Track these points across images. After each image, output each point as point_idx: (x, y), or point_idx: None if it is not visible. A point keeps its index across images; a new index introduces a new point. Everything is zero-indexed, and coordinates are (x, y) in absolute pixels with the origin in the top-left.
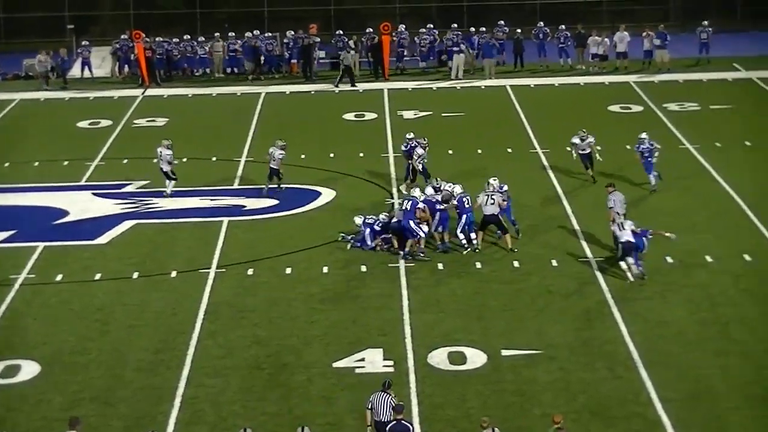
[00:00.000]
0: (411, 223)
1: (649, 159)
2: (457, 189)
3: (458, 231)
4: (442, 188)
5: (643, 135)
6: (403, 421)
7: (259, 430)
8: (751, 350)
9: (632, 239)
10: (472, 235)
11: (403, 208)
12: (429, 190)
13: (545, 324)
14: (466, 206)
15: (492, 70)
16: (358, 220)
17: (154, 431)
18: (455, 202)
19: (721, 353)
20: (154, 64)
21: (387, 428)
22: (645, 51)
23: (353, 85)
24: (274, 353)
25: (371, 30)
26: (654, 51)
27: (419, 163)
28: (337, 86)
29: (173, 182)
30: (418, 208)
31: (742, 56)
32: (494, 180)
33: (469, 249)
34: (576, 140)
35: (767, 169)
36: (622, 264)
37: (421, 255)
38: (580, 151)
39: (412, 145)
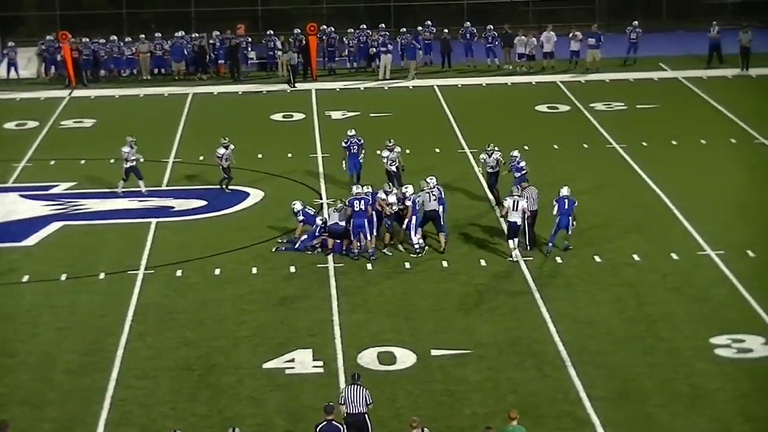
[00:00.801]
0: (366, 222)
1: (519, 178)
2: (410, 190)
3: (412, 233)
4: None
5: (515, 153)
6: (333, 422)
7: (189, 431)
8: (678, 348)
9: (519, 221)
10: (417, 237)
11: (357, 208)
12: (380, 193)
13: (474, 323)
14: (417, 207)
15: (413, 71)
16: (298, 206)
17: None
18: (409, 203)
19: (648, 351)
20: (80, 65)
21: (317, 429)
22: (572, 51)
23: (293, 85)
24: (204, 354)
25: (299, 30)
26: (586, 51)
27: (391, 165)
28: (294, 86)
29: (141, 181)
30: (378, 198)
31: (668, 56)
32: (431, 179)
33: (420, 251)
34: (483, 156)
35: (693, 167)
36: (510, 243)
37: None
38: (488, 170)
39: (353, 141)
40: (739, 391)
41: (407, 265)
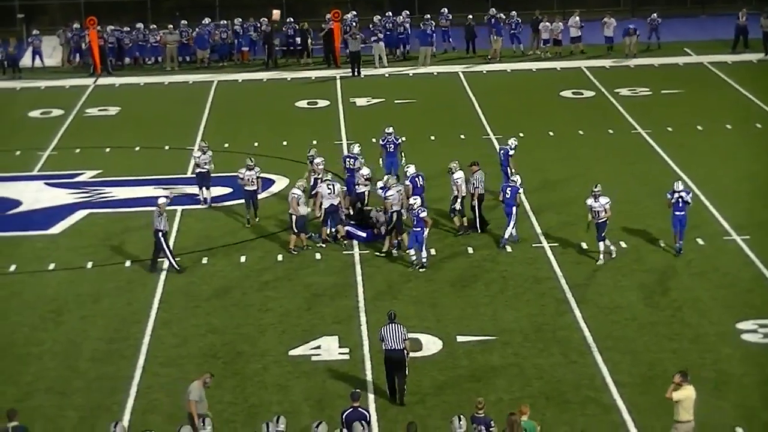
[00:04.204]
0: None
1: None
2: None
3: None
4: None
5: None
6: (359, 408)
7: (215, 418)
8: (704, 333)
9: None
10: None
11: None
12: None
13: (499, 310)
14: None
15: (427, 59)
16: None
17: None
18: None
19: (673, 337)
20: (105, 53)
21: (343, 416)
22: (606, 37)
23: (357, 74)
24: (229, 342)
25: (328, 16)
26: (620, 36)
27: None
28: (359, 74)
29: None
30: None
31: (693, 41)
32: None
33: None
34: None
35: (718, 152)
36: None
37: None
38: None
39: (390, 140)
40: (765, 376)
41: (432, 251)
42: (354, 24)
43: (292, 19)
